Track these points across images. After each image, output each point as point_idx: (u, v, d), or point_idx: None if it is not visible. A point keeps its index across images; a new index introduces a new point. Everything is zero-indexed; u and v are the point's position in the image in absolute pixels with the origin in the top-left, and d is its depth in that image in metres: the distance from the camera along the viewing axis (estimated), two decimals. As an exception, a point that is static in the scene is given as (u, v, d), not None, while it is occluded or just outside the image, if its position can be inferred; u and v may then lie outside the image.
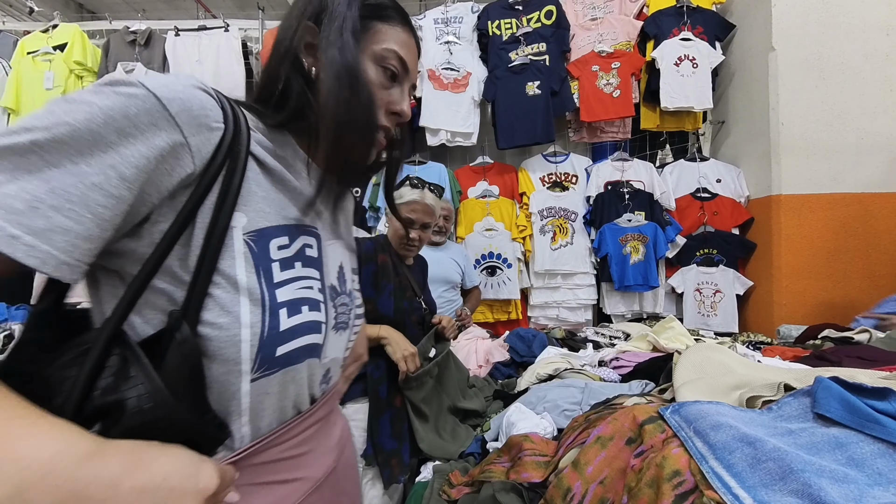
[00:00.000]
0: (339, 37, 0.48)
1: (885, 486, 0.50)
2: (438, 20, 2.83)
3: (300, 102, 0.50)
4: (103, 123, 0.35)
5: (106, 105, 0.36)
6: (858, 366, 1.06)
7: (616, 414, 0.76)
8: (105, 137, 0.35)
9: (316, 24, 0.50)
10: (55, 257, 0.35)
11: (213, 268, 0.41)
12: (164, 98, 0.38)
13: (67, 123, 0.34)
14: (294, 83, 0.50)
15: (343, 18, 0.49)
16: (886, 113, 2.30)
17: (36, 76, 2.79)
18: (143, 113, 0.37)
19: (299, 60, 0.50)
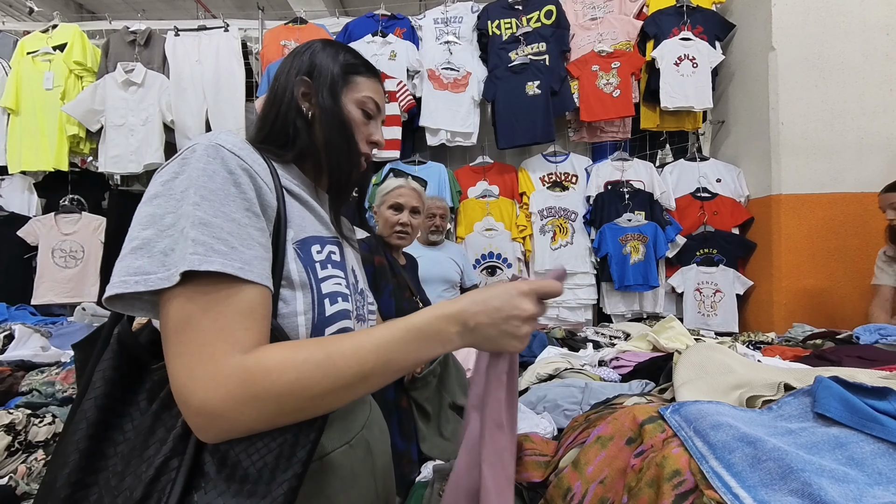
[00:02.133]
0: (327, 90, 0.66)
1: (886, 485, 0.50)
2: (438, 20, 2.83)
3: (304, 142, 0.65)
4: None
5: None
6: (858, 365, 1.06)
7: (616, 414, 0.76)
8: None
9: (308, 77, 0.67)
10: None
11: (278, 273, 0.53)
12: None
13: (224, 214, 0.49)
14: (299, 127, 0.66)
15: (330, 75, 0.67)
16: (886, 112, 2.30)
17: (36, 76, 2.79)
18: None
19: (300, 108, 0.66)
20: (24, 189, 2.90)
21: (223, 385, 0.43)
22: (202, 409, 0.43)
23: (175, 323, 0.45)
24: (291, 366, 0.46)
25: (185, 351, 0.44)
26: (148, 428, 0.48)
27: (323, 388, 0.46)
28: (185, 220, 0.46)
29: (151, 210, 0.47)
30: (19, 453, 1.11)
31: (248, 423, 0.45)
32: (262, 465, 0.46)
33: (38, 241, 2.76)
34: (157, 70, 2.84)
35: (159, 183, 0.48)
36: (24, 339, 1.79)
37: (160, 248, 0.45)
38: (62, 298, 2.77)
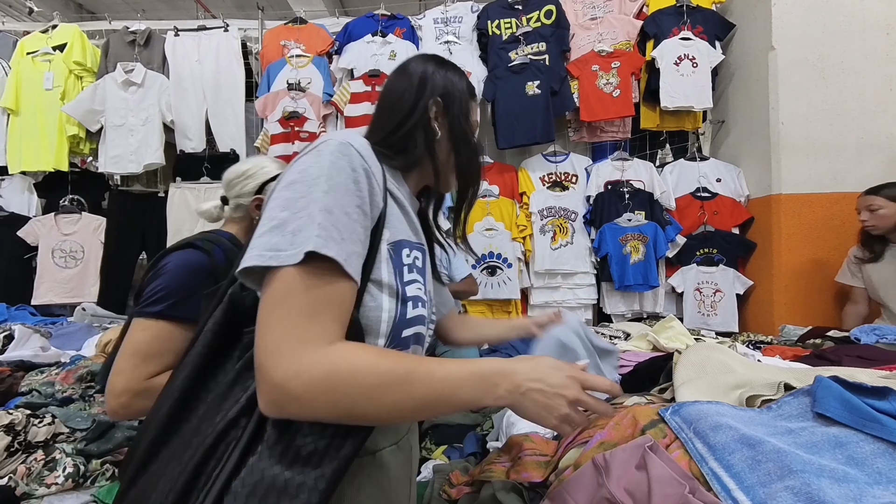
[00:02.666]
0: (463, 115, 0.72)
1: (885, 485, 0.50)
2: (438, 20, 2.83)
3: (419, 156, 0.69)
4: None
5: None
6: (858, 365, 1.06)
7: (617, 418, 0.76)
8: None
9: (441, 98, 0.70)
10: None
11: (369, 269, 0.56)
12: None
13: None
14: (419, 142, 0.69)
15: (463, 100, 0.72)
16: (886, 112, 2.30)
17: (35, 76, 2.79)
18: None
19: (431, 127, 0.70)
20: (24, 189, 2.90)
21: (307, 371, 0.47)
22: (281, 387, 0.46)
23: (276, 297, 0.48)
24: (375, 373, 0.49)
25: (278, 325, 0.48)
26: (230, 382, 0.54)
27: (394, 401, 0.49)
28: (314, 204, 0.50)
29: (288, 194, 0.52)
30: (19, 454, 1.11)
31: (316, 412, 0.48)
32: (313, 449, 0.50)
33: (38, 242, 2.76)
34: (157, 70, 2.84)
35: (296, 171, 0.53)
36: (23, 339, 1.79)
37: (291, 228, 0.49)
38: (62, 299, 2.77)
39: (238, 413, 0.51)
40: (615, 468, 0.62)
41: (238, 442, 0.49)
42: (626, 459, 0.62)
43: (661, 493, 0.55)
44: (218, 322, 0.57)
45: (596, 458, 0.66)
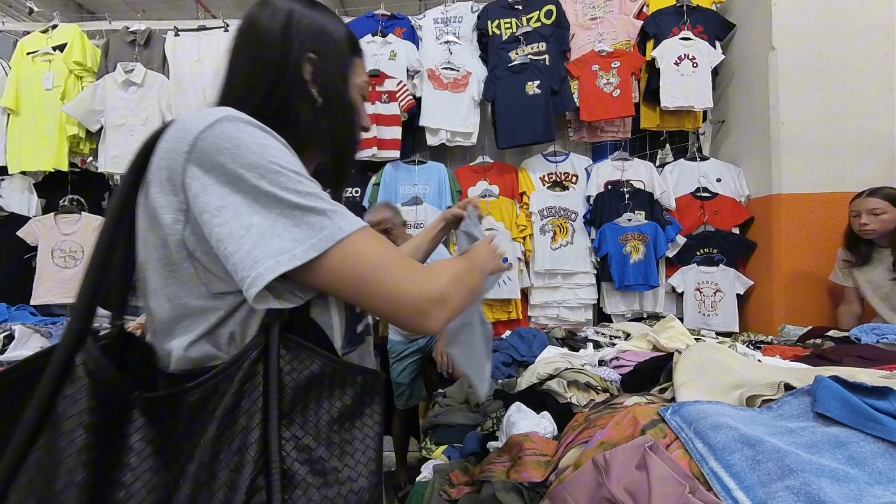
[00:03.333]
0: (339, 76, 0.61)
1: (886, 485, 0.50)
2: (438, 20, 2.83)
3: (305, 130, 0.59)
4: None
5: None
6: (859, 365, 1.06)
7: (617, 417, 0.76)
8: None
9: (314, 53, 0.59)
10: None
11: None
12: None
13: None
14: (304, 114, 0.59)
15: (340, 57, 0.61)
16: (886, 112, 2.30)
17: (35, 76, 2.79)
18: None
19: (309, 93, 0.59)
20: (24, 189, 2.90)
21: (439, 277, 0.54)
22: (440, 297, 0.52)
23: (363, 264, 0.49)
24: (462, 265, 0.61)
25: (387, 278, 0.49)
26: (211, 456, 0.43)
27: (477, 278, 0.65)
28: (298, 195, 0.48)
29: (237, 194, 0.46)
30: (19, 453, 1.11)
31: (459, 302, 0.56)
32: (346, 446, 0.50)
33: (37, 242, 2.76)
34: (157, 70, 2.84)
35: (232, 163, 0.46)
36: (24, 339, 1.79)
37: (312, 222, 0.47)
38: (62, 299, 2.76)
39: (252, 475, 0.43)
40: (615, 468, 0.62)
41: (272, 498, 0.43)
42: (626, 459, 0.62)
43: (662, 492, 0.55)
44: (88, 410, 0.43)
45: (596, 457, 0.66)
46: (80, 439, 0.41)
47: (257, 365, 0.46)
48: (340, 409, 0.50)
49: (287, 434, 0.46)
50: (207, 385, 0.45)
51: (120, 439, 0.45)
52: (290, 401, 0.47)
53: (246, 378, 0.45)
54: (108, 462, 0.43)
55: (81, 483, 0.40)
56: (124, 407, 0.46)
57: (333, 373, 0.50)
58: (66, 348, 0.45)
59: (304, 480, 0.45)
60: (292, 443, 0.46)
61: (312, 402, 0.48)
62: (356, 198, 2.78)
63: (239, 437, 0.44)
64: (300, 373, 0.48)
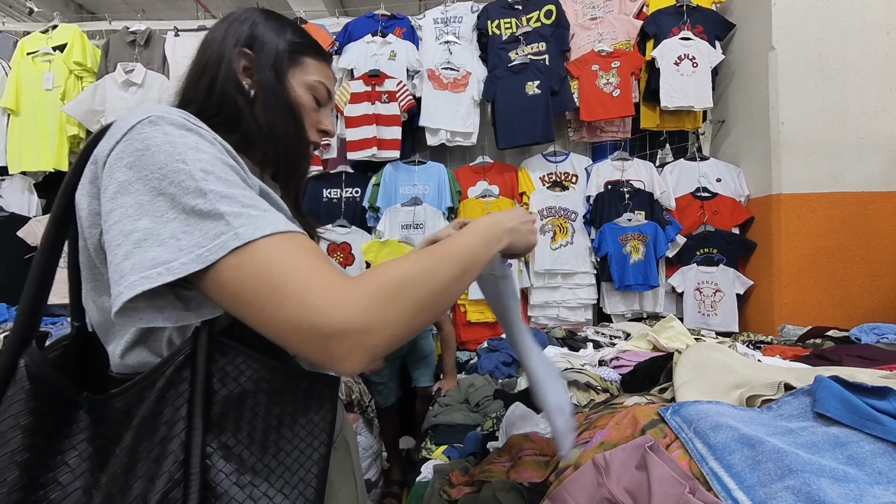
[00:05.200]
0: (270, 66, 0.60)
1: (886, 485, 0.50)
2: (438, 20, 2.83)
3: (249, 124, 0.58)
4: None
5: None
6: (859, 365, 1.06)
7: (617, 418, 0.76)
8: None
9: (249, 49, 0.59)
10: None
11: None
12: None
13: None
14: (241, 107, 0.58)
15: (274, 51, 0.60)
16: (886, 112, 2.30)
17: (36, 77, 2.79)
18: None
19: (241, 84, 0.59)
20: (24, 189, 2.90)
21: (358, 296, 0.40)
22: (347, 328, 0.39)
23: (257, 280, 0.39)
24: (410, 264, 0.45)
25: (290, 293, 0.39)
26: (125, 466, 0.42)
27: (443, 277, 0.47)
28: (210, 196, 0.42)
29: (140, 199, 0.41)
30: (19, 454, 1.11)
31: (394, 328, 0.42)
32: (284, 458, 0.45)
33: (38, 242, 2.76)
34: (157, 70, 2.84)
35: (126, 164, 0.42)
36: (24, 339, 1.78)
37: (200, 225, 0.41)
38: (61, 299, 2.70)
39: (166, 488, 0.40)
40: (615, 468, 0.62)
41: None
42: (626, 459, 0.62)
43: (662, 492, 0.55)
44: (26, 412, 0.42)
45: (596, 458, 0.66)
46: (14, 440, 0.41)
47: (183, 371, 0.43)
48: (279, 417, 0.45)
49: (216, 443, 0.43)
50: (132, 392, 0.43)
51: (61, 440, 0.44)
52: (222, 408, 0.43)
53: (168, 385, 0.43)
54: (45, 462, 0.42)
55: (12, 483, 0.40)
56: (69, 407, 0.45)
57: (273, 378, 0.45)
58: (10, 352, 0.45)
59: (227, 492, 0.42)
60: (220, 452, 0.42)
61: (248, 409, 0.44)
62: (356, 198, 2.78)
63: (158, 447, 0.41)
64: (235, 378, 0.44)
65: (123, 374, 0.48)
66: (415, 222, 2.63)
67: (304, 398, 0.47)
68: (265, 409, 0.45)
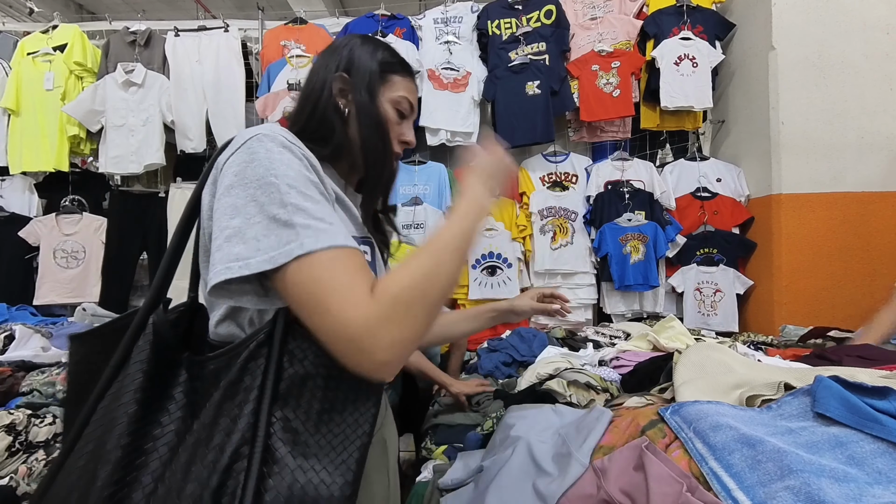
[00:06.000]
0: (365, 88, 0.68)
1: (886, 485, 0.50)
2: (438, 20, 2.83)
3: (340, 140, 0.67)
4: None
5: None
6: (859, 365, 1.06)
7: (616, 421, 0.76)
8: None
9: (346, 73, 0.68)
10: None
11: None
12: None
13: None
14: (335, 124, 0.67)
15: (368, 73, 0.69)
16: (887, 112, 2.30)
17: (36, 77, 2.79)
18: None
19: (337, 105, 0.68)
20: (25, 190, 2.90)
21: (376, 310, 0.48)
22: (375, 341, 0.47)
23: (309, 290, 0.48)
24: (415, 269, 0.52)
25: (331, 308, 0.47)
26: (212, 417, 0.49)
27: (448, 272, 0.54)
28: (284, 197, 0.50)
29: (240, 199, 0.51)
30: (20, 454, 1.11)
31: (413, 330, 0.49)
32: (332, 439, 0.50)
33: (39, 242, 2.77)
34: (158, 70, 2.84)
35: (232, 173, 0.52)
36: (24, 339, 1.79)
37: (297, 221, 0.50)
38: (63, 299, 2.77)
39: (239, 442, 0.47)
40: (613, 471, 0.62)
41: (250, 467, 0.46)
42: (623, 461, 0.63)
43: (660, 491, 0.56)
44: (148, 359, 0.52)
45: (595, 463, 0.67)
46: (137, 381, 0.51)
47: (262, 348, 0.51)
48: (332, 402, 0.51)
49: (279, 414, 0.49)
50: (221, 358, 0.52)
51: (167, 388, 0.53)
52: (288, 385, 0.50)
53: (250, 358, 0.51)
54: (153, 403, 0.51)
55: (131, 413, 0.49)
56: (176, 362, 0.54)
57: (332, 366, 0.51)
58: (144, 311, 0.55)
59: (283, 460, 0.48)
60: (281, 423, 0.49)
61: (308, 389, 0.51)
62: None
63: (236, 408, 0.49)
64: (301, 361, 0.51)
65: (216, 341, 0.58)
66: (415, 222, 2.64)
67: (354, 389, 0.53)
68: (322, 392, 0.51)
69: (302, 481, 0.47)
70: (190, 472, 0.47)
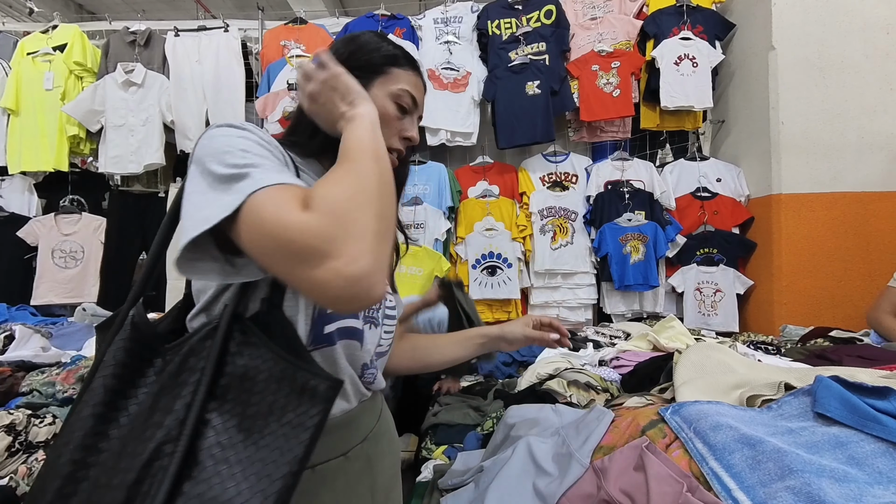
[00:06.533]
0: (358, 77, 0.62)
1: (886, 485, 0.50)
2: (438, 20, 2.83)
3: (322, 135, 0.62)
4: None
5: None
6: (859, 365, 1.06)
7: (617, 422, 0.76)
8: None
9: (345, 63, 0.62)
10: None
11: None
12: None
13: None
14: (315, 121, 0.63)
15: (365, 64, 0.65)
16: (886, 111, 2.30)
17: (36, 77, 2.79)
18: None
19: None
20: (24, 189, 2.90)
21: (320, 226, 0.44)
22: (319, 241, 0.43)
23: (259, 221, 0.45)
24: (338, 182, 0.49)
25: (276, 226, 0.44)
26: (147, 409, 0.48)
27: (369, 175, 0.50)
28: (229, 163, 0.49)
29: (197, 179, 0.51)
30: (20, 454, 1.11)
31: (363, 238, 0.45)
32: (260, 448, 0.47)
33: (38, 242, 2.76)
34: (158, 70, 2.84)
35: (195, 161, 0.53)
36: (24, 339, 1.78)
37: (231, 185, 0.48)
38: (62, 299, 2.77)
39: (162, 439, 0.45)
40: (613, 470, 0.62)
41: (167, 470, 0.44)
42: (624, 461, 0.62)
43: (659, 491, 0.55)
44: (122, 348, 0.51)
45: (595, 463, 0.67)
46: (110, 367, 0.50)
47: (206, 341, 0.50)
48: (270, 404, 0.48)
49: (215, 413, 0.47)
50: (173, 350, 0.52)
51: (140, 377, 0.52)
52: (226, 382, 0.49)
53: (190, 352, 0.50)
54: (124, 390, 0.51)
55: (97, 399, 0.49)
56: (153, 354, 0.53)
57: (276, 367, 0.49)
58: (127, 306, 0.56)
59: (203, 463, 0.45)
60: (215, 422, 0.47)
61: (246, 388, 0.48)
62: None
63: (170, 402, 0.48)
64: (243, 357, 0.49)
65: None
66: (415, 222, 2.63)
67: (298, 394, 0.49)
68: (260, 395, 0.48)
69: (215, 492, 0.43)
70: (119, 464, 0.45)
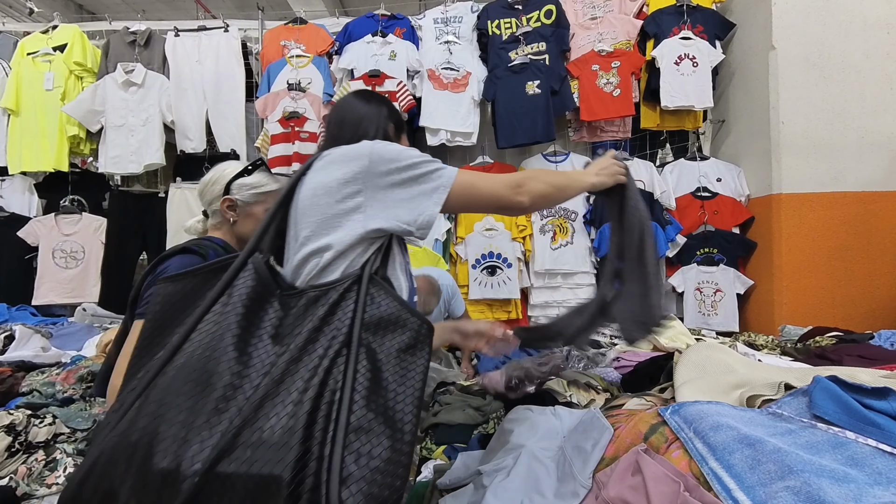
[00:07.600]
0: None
1: (885, 485, 0.50)
2: (438, 20, 2.83)
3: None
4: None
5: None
6: (859, 364, 1.06)
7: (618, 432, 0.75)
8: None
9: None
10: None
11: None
12: None
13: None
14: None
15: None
16: (887, 111, 2.30)
17: (36, 77, 2.79)
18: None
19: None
20: (25, 190, 2.90)
21: (528, 193, 0.87)
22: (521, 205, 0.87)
23: (467, 192, 0.83)
24: (555, 183, 0.93)
25: (484, 188, 0.85)
26: (306, 340, 0.63)
27: (565, 196, 0.97)
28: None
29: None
30: (20, 454, 1.11)
31: (537, 206, 0.90)
32: (395, 380, 0.63)
33: (38, 242, 2.76)
34: (158, 70, 2.84)
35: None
36: (24, 339, 1.79)
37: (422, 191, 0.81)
38: (63, 299, 2.77)
39: (333, 357, 0.61)
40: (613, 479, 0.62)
41: (341, 402, 0.57)
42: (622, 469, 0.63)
43: (658, 491, 0.56)
44: (248, 293, 0.65)
45: (598, 475, 0.67)
46: (240, 307, 0.64)
47: (350, 292, 0.68)
48: (402, 342, 0.66)
49: (365, 342, 0.63)
50: (315, 294, 0.68)
51: (262, 315, 0.66)
52: (370, 319, 0.66)
53: (340, 298, 0.67)
54: (251, 325, 0.65)
55: (236, 331, 0.62)
56: (271, 296, 0.69)
57: (400, 311, 0.68)
58: (245, 255, 0.70)
59: (362, 385, 0.60)
60: (365, 348, 0.63)
61: (382, 327, 0.66)
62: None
63: (333, 332, 0.64)
64: (378, 304, 0.68)
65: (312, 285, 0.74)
66: (415, 222, 2.63)
67: (416, 331, 0.68)
68: (392, 333, 0.67)
69: (378, 404, 0.59)
70: (278, 396, 0.57)
